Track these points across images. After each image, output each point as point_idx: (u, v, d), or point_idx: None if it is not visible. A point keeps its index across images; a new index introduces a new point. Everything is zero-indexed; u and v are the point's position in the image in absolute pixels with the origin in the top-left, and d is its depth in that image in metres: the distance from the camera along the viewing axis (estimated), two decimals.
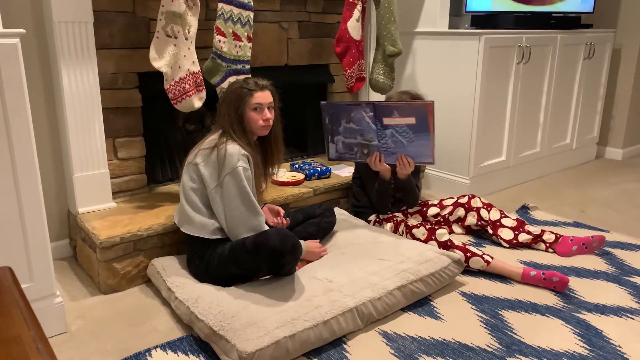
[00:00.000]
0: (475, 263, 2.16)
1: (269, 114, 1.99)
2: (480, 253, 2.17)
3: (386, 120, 2.24)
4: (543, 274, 2.07)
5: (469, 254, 2.16)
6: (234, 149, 1.86)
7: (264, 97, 1.97)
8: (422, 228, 2.29)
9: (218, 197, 1.86)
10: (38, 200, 1.63)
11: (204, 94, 2.22)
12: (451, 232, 2.56)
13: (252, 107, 1.96)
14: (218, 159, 1.85)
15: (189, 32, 2.13)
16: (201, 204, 1.91)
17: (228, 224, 1.86)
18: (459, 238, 2.52)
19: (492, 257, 2.16)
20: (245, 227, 1.84)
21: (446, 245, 2.19)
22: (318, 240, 2.17)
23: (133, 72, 2.32)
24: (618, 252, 2.42)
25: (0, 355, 0.77)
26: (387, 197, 2.45)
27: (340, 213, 2.51)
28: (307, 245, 2.05)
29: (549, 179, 3.60)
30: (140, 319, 1.88)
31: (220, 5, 2.23)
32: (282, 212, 2.18)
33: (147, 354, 1.66)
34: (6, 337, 0.81)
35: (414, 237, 2.29)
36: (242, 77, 2.29)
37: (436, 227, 2.27)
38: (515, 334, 1.79)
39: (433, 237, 2.24)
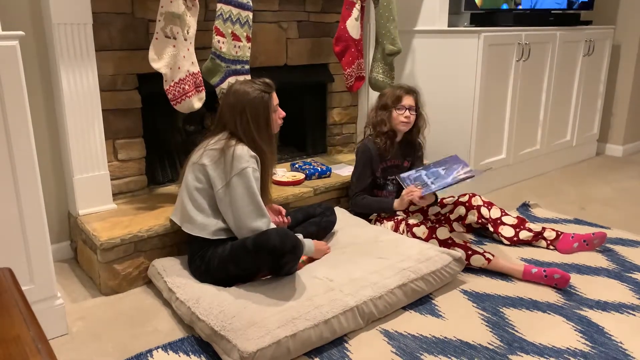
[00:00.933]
0: (476, 261, 2.16)
1: (283, 112, 2.01)
2: (481, 251, 2.17)
3: (454, 175, 2.32)
4: (544, 271, 2.07)
5: (469, 252, 2.16)
6: (242, 151, 1.86)
7: (276, 96, 1.99)
8: (422, 226, 2.28)
9: (226, 197, 1.85)
10: (38, 202, 1.63)
11: (203, 94, 2.22)
12: (452, 230, 2.56)
13: (274, 110, 1.97)
14: (227, 160, 1.84)
15: (188, 32, 2.13)
16: (206, 204, 1.90)
17: (235, 224, 1.85)
18: (460, 236, 2.52)
19: (493, 255, 2.16)
20: (250, 227, 1.82)
21: (447, 244, 2.19)
22: (324, 243, 2.17)
23: (132, 74, 2.32)
24: (619, 249, 2.42)
25: None
26: (378, 212, 2.48)
27: (340, 212, 2.51)
28: (315, 243, 2.05)
29: (549, 176, 3.60)
30: (141, 320, 1.88)
31: (219, 5, 2.23)
32: (283, 211, 2.18)
33: (148, 354, 1.66)
34: (6, 338, 0.81)
35: (414, 236, 2.28)
36: (242, 77, 2.29)
37: (437, 226, 2.27)
38: (516, 331, 1.79)
39: (434, 236, 2.23)
